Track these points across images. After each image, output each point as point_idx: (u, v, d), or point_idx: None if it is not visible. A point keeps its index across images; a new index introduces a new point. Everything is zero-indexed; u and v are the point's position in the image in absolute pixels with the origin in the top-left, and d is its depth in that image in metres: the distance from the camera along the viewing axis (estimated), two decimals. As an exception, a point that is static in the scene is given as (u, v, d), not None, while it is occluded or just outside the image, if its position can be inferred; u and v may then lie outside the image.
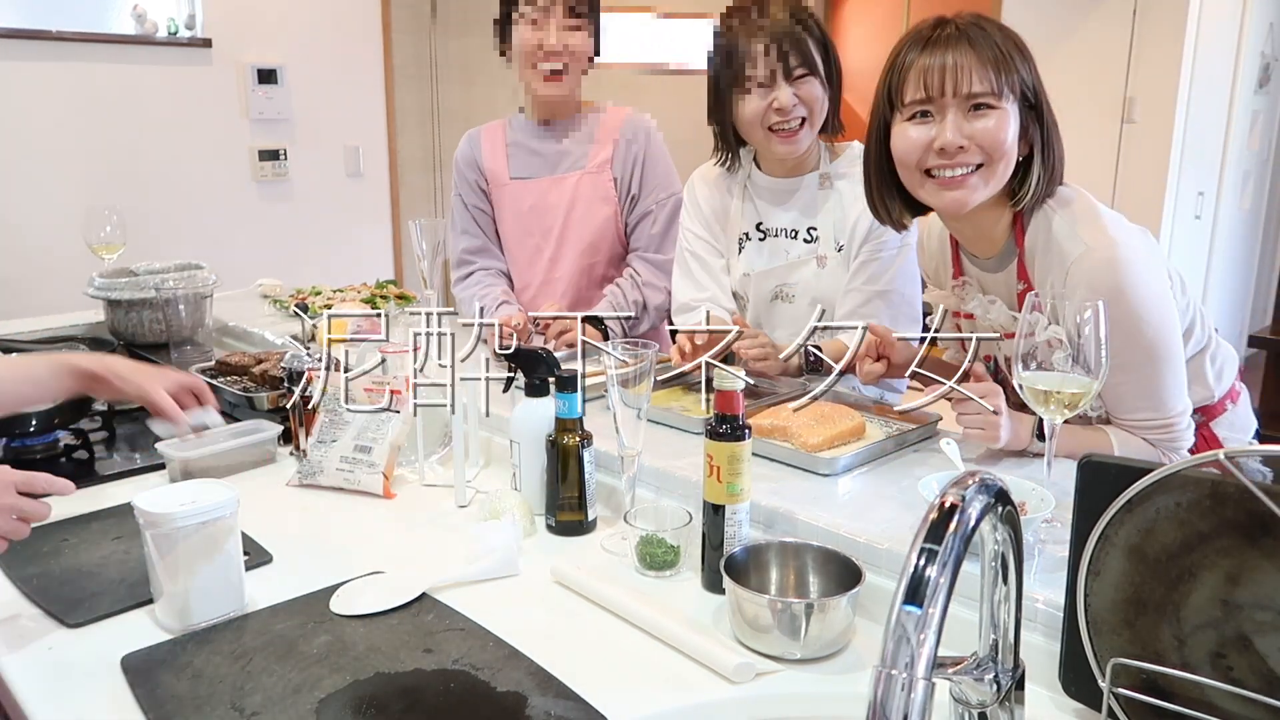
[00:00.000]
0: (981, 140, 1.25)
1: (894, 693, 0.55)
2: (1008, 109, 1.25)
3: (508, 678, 0.95)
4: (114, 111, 3.47)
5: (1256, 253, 5.81)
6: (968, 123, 1.25)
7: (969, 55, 1.24)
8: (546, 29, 1.92)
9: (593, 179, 2.06)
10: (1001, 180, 1.29)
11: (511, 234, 2.14)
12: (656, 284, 2.04)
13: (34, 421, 1.56)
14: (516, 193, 2.10)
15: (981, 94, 1.25)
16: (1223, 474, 0.73)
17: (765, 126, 1.66)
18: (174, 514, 1.01)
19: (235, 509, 1.06)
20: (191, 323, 2.10)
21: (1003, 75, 1.24)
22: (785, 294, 1.77)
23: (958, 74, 1.25)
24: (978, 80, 1.24)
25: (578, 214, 2.06)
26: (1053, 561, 1.01)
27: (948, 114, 1.26)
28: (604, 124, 2.07)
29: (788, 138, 1.66)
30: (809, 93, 1.64)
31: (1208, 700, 0.77)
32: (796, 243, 1.76)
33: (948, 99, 1.26)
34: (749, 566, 1.08)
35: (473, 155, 2.13)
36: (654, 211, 2.05)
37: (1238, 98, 4.97)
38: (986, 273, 1.42)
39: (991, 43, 1.25)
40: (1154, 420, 1.33)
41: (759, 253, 1.79)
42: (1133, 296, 1.26)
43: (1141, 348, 1.29)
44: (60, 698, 0.94)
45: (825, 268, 1.73)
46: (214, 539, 1.04)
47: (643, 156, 2.04)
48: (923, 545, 0.60)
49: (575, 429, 1.28)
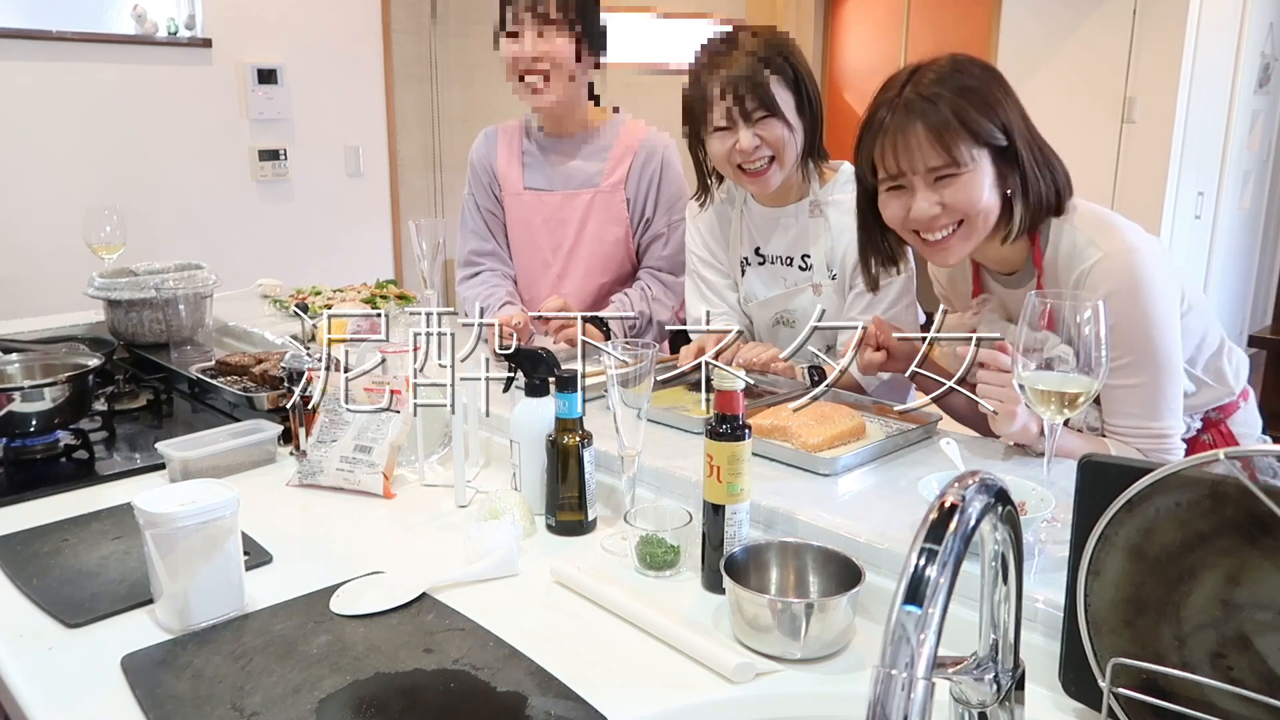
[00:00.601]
0: (951, 204, 1.28)
1: (894, 693, 0.55)
2: (973, 169, 1.27)
3: (508, 678, 0.95)
4: (114, 111, 3.47)
5: (1256, 253, 5.81)
6: (936, 191, 1.28)
7: (919, 132, 1.26)
8: (522, 40, 1.90)
9: (606, 199, 2.05)
10: (985, 229, 1.31)
11: (520, 244, 2.13)
12: (665, 301, 2.04)
13: (34, 421, 1.57)
14: (529, 204, 2.09)
15: (938, 166, 1.26)
16: (1247, 472, 0.72)
17: (734, 165, 1.68)
18: (174, 514, 1.01)
19: (235, 509, 1.06)
20: (191, 323, 2.10)
21: (958, 142, 1.25)
22: (786, 319, 1.81)
23: (910, 154, 1.27)
24: (933, 155, 1.26)
25: (589, 233, 2.06)
26: (1053, 561, 1.01)
27: (916, 187, 1.29)
28: (620, 139, 2.05)
29: (755, 177, 1.68)
30: (771, 134, 1.64)
31: (1208, 700, 0.77)
32: (793, 270, 1.78)
33: (909, 175, 1.28)
34: (749, 566, 1.08)
35: (488, 158, 2.12)
36: (665, 234, 2.05)
37: (1238, 98, 4.97)
38: (1009, 289, 1.43)
39: (943, 109, 1.25)
40: (1149, 429, 1.34)
41: (759, 278, 1.82)
42: (1146, 300, 1.27)
43: (1148, 352, 1.30)
44: (60, 698, 0.94)
45: (821, 295, 1.76)
46: (214, 539, 1.04)
47: (657, 178, 2.04)
48: (923, 545, 0.60)
49: (575, 429, 1.28)
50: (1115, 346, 1.30)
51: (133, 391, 1.87)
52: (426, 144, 4.60)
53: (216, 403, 1.82)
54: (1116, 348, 1.30)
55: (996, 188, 1.29)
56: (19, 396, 1.54)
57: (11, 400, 1.53)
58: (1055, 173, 1.32)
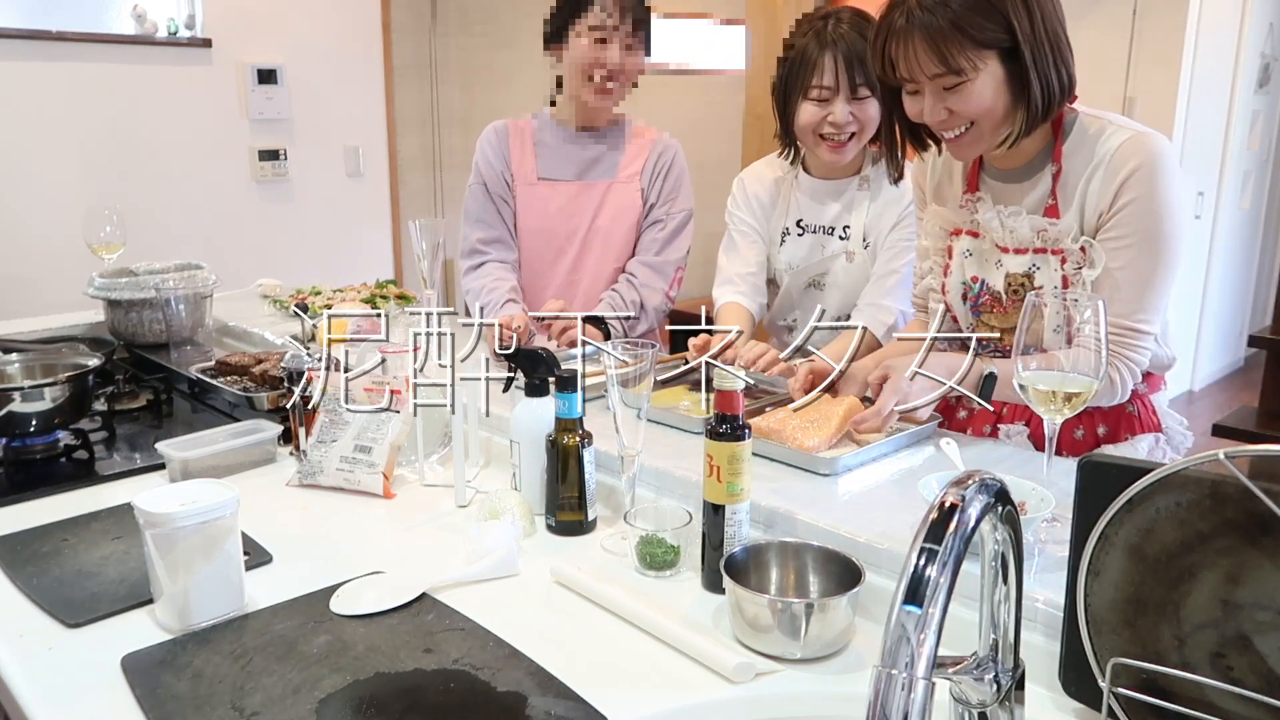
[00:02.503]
0: (958, 109, 1.31)
1: (894, 693, 0.55)
2: (976, 75, 1.28)
3: (508, 678, 0.95)
4: (114, 111, 3.47)
5: (1256, 253, 5.81)
6: (943, 97, 1.31)
7: (918, 42, 1.28)
8: (610, 48, 1.96)
9: (622, 188, 2.11)
10: (999, 129, 1.33)
11: (534, 234, 2.15)
12: (653, 285, 2.09)
13: (34, 421, 1.57)
14: (544, 194, 2.13)
15: (940, 74, 1.29)
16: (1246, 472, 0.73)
17: (817, 134, 1.75)
18: (174, 514, 1.01)
19: (235, 509, 1.06)
20: (191, 323, 2.10)
21: (956, 51, 1.26)
22: (818, 283, 1.90)
23: (912, 62, 1.29)
24: (931, 64, 1.28)
25: (604, 220, 2.11)
26: (1053, 561, 1.01)
27: (925, 91, 1.32)
28: (637, 140, 2.13)
29: (836, 148, 1.76)
30: (865, 111, 1.73)
31: (1208, 700, 0.77)
32: (832, 239, 1.87)
33: (918, 81, 1.31)
34: (749, 566, 1.08)
35: (501, 148, 2.14)
36: (664, 220, 2.11)
37: (1238, 98, 4.98)
38: (1007, 184, 1.44)
39: (941, 18, 1.26)
40: (1124, 322, 1.33)
41: (797, 247, 1.91)
42: (1164, 183, 1.30)
43: (1153, 235, 1.31)
44: (60, 698, 0.94)
45: (853, 262, 1.85)
46: (214, 539, 1.04)
47: (667, 170, 2.12)
48: (923, 545, 0.60)
49: (575, 429, 1.28)
50: (1121, 225, 1.32)
51: (133, 391, 1.87)
52: (426, 144, 4.60)
53: (216, 403, 1.82)
54: (1123, 225, 1.32)
55: (1007, 88, 1.30)
56: (19, 396, 1.54)
57: (11, 400, 1.53)
58: (1068, 66, 1.32)
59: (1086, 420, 1.48)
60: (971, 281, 1.48)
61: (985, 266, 1.46)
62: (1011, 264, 1.42)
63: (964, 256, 1.48)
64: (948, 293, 1.51)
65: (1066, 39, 1.32)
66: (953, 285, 1.50)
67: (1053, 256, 1.38)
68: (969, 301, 1.49)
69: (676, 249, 2.10)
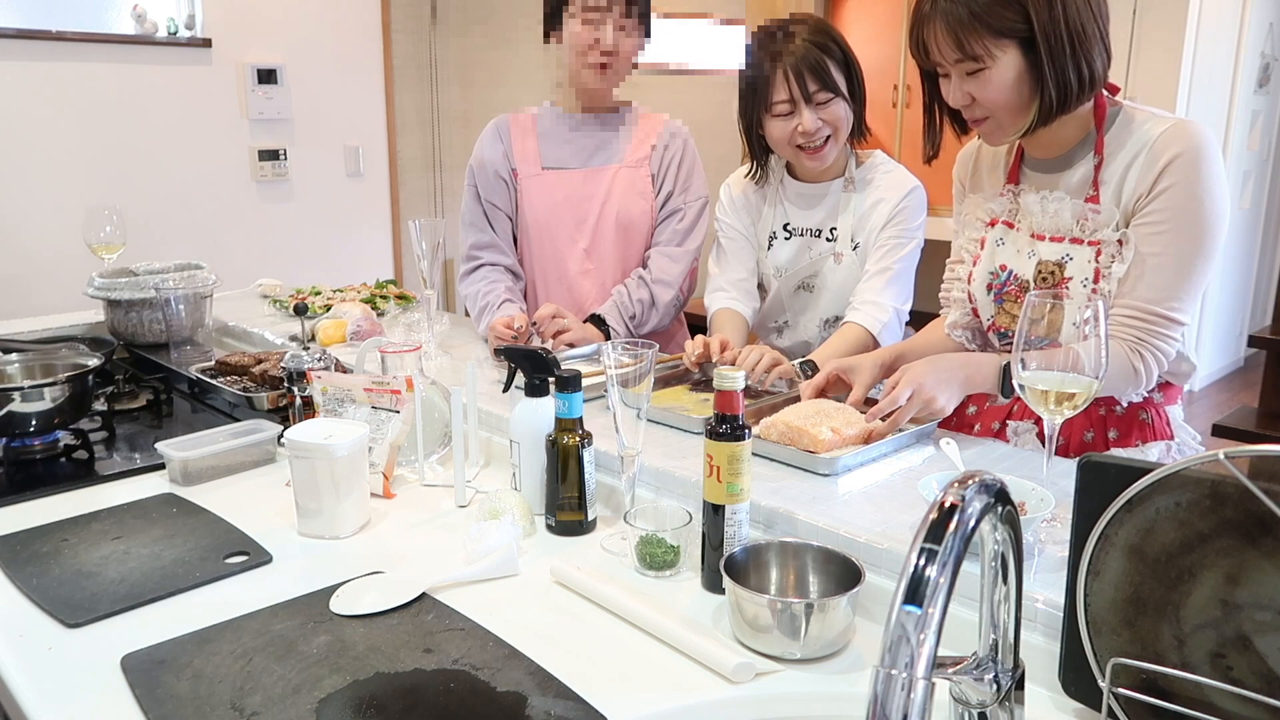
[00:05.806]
0: (978, 95, 1.33)
1: (894, 693, 0.55)
2: (994, 64, 1.29)
3: (508, 678, 0.95)
4: (114, 111, 3.47)
5: (1256, 253, 5.81)
6: (965, 83, 1.33)
7: (940, 28, 1.30)
8: (604, 28, 1.95)
9: (631, 172, 2.09)
10: (1018, 120, 1.34)
11: (542, 224, 2.11)
12: (667, 280, 2.04)
13: (34, 421, 1.57)
14: (550, 183, 2.10)
15: (960, 59, 1.31)
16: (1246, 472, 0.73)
17: (793, 145, 1.76)
18: (326, 445, 1.24)
19: (367, 440, 1.31)
20: (191, 323, 2.10)
21: (973, 39, 1.28)
22: (808, 285, 1.91)
23: (935, 47, 1.32)
24: (950, 51, 1.31)
25: (614, 204, 2.08)
26: (1053, 561, 1.01)
27: (951, 75, 1.35)
28: (642, 125, 2.12)
29: (814, 154, 1.77)
30: (832, 114, 1.74)
31: (1208, 700, 0.77)
32: (820, 241, 1.87)
33: (944, 65, 1.34)
34: (749, 566, 1.08)
35: (500, 146, 2.12)
36: (683, 210, 2.09)
37: (1238, 98, 4.98)
38: (1048, 173, 1.43)
39: (960, 7, 1.28)
40: (1154, 310, 1.32)
41: (785, 250, 1.91)
42: (1207, 170, 1.29)
43: (1191, 222, 1.30)
44: (60, 698, 0.94)
45: (841, 264, 1.85)
46: (356, 464, 1.27)
47: (679, 158, 2.10)
48: (923, 545, 0.60)
49: (575, 429, 1.28)
50: (1158, 210, 1.31)
51: (132, 391, 1.87)
52: (426, 144, 4.60)
53: (216, 403, 1.82)
54: (1160, 210, 1.31)
55: (1028, 78, 1.30)
56: (19, 396, 1.54)
57: (11, 400, 1.53)
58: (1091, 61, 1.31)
59: (1098, 424, 1.47)
60: (1000, 269, 1.47)
61: (1016, 255, 1.45)
62: (1045, 251, 1.40)
63: (996, 245, 1.48)
64: (973, 281, 1.50)
65: (1100, 34, 1.31)
66: (979, 274, 1.49)
67: (1089, 248, 1.36)
68: (993, 291, 1.48)
69: (695, 238, 2.09)
